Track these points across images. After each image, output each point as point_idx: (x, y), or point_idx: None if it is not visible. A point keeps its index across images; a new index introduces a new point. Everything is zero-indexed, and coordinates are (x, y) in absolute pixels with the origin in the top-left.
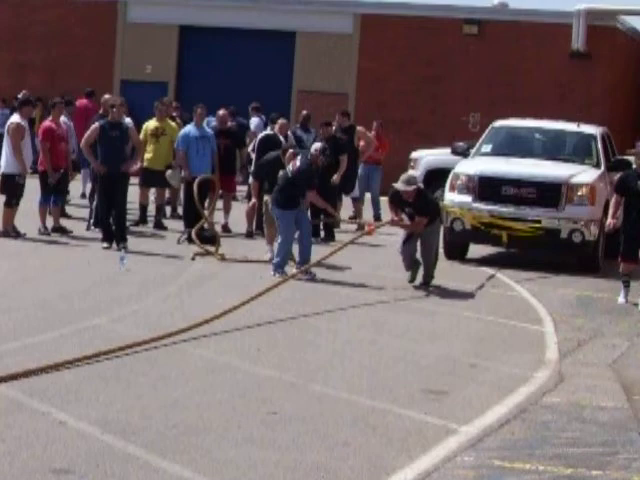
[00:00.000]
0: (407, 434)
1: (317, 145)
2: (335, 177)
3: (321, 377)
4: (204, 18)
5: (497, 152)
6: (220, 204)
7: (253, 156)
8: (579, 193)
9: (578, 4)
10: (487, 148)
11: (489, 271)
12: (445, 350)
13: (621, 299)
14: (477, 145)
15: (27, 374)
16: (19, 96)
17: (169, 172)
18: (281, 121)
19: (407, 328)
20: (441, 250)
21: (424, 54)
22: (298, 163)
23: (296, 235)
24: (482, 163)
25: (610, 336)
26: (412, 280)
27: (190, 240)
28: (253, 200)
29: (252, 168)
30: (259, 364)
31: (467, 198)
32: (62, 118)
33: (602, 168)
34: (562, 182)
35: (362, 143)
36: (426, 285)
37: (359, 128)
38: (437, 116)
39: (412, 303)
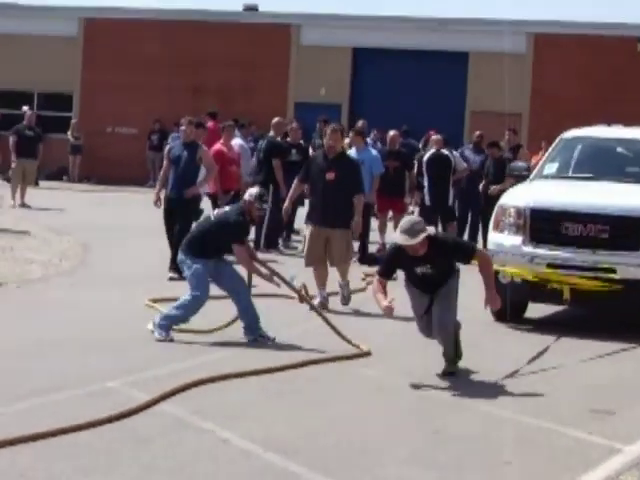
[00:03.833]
0: (571, 453)
1: (252, 190)
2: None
3: (486, 396)
4: (377, 40)
5: (565, 173)
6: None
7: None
8: None
9: None
10: (552, 168)
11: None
12: (614, 370)
13: None
14: (539, 164)
15: (184, 388)
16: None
17: None
18: (435, 136)
19: (575, 349)
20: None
21: (597, 73)
22: (227, 208)
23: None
24: (538, 190)
25: None
26: None
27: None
28: None
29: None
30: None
31: (516, 240)
32: (237, 140)
33: None
34: None
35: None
36: (448, 375)
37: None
38: None
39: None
